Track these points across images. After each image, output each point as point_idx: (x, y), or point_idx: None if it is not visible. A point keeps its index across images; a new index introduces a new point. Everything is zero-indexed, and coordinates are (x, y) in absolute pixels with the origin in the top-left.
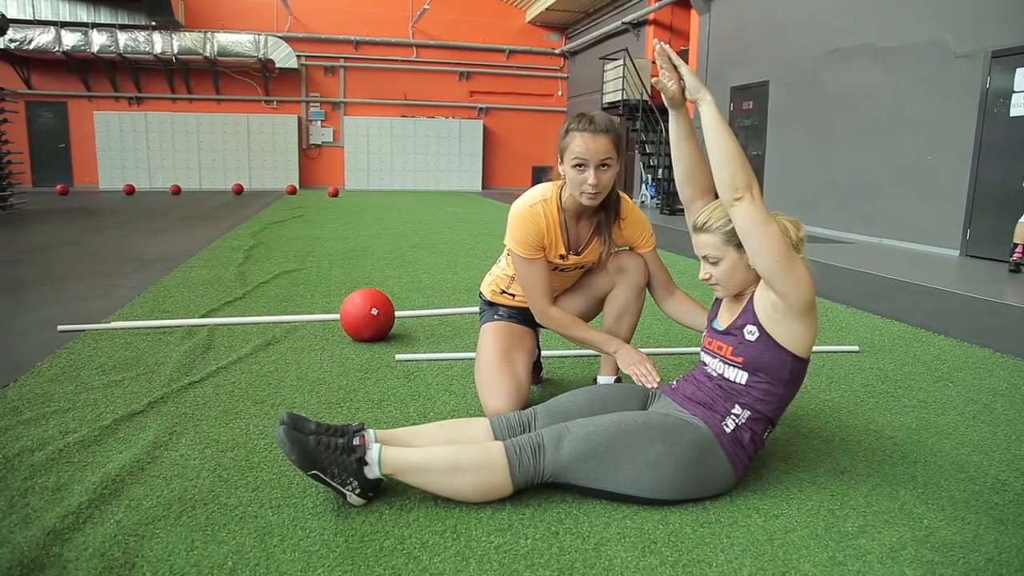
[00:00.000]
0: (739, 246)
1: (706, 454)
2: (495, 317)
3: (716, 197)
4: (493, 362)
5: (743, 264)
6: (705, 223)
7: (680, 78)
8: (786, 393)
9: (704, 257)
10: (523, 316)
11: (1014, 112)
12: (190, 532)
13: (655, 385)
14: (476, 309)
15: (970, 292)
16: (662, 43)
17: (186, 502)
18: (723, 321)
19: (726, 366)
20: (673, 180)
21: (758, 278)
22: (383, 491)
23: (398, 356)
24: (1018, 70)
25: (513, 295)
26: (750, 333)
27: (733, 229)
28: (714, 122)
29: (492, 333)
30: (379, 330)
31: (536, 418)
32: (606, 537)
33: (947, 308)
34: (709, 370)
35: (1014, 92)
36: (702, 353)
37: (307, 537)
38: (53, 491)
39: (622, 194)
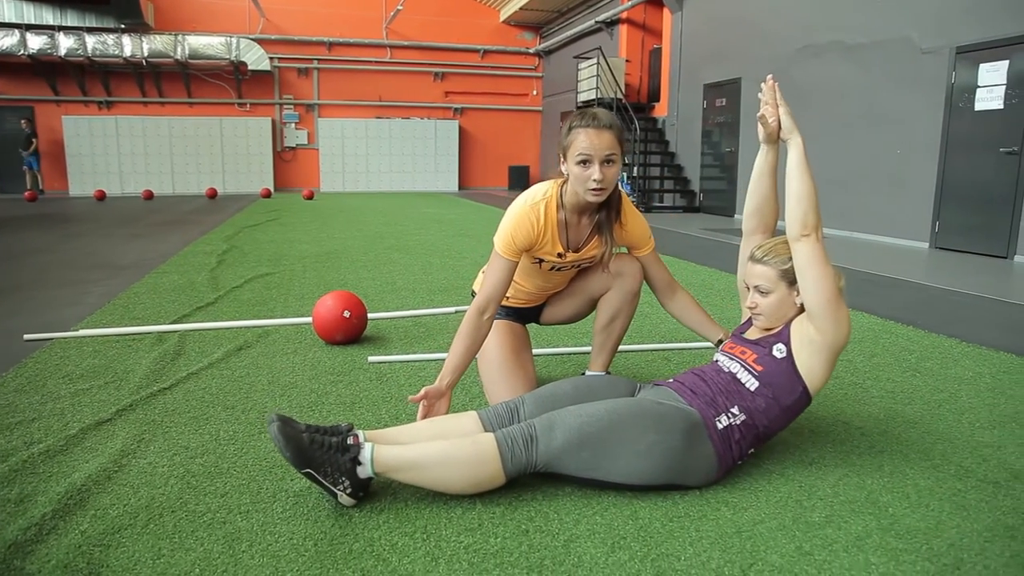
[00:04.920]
0: (791, 283)
1: (695, 442)
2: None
3: (773, 235)
4: (505, 361)
5: (791, 300)
6: (764, 256)
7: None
8: (780, 417)
9: (756, 287)
10: (519, 315)
11: (979, 106)
12: (157, 540)
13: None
14: (449, 310)
15: (938, 283)
16: (773, 80)
17: (153, 510)
18: (752, 335)
19: (743, 369)
20: (648, 177)
21: (796, 315)
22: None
23: (370, 358)
24: (982, 65)
25: (508, 296)
26: (779, 351)
27: (790, 268)
28: (799, 162)
29: (496, 332)
30: (351, 333)
31: (524, 404)
32: (575, 534)
33: (916, 299)
34: (721, 366)
35: (978, 87)
36: (719, 354)
37: (276, 542)
38: (16, 503)
39: (623, 193)
